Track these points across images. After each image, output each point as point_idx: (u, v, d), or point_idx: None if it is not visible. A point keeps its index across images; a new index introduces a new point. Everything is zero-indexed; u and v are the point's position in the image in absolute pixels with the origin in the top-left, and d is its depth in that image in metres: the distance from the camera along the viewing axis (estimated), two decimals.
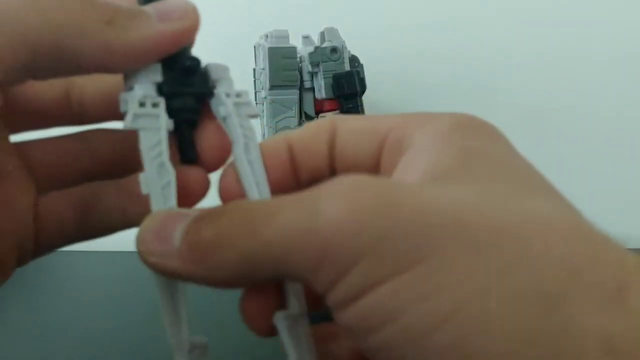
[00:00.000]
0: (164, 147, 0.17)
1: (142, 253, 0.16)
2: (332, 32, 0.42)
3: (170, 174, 0.17)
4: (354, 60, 0.42)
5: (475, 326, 0.12)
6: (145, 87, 0.18)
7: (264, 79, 0.40)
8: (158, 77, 0.18)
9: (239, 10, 0.54)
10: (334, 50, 0.40)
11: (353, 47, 0.42)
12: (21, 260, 0.20)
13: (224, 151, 0.19)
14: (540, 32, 0.55)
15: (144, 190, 0.17)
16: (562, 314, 0.12)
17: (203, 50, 0.21)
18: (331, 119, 0.19)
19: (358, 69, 0.42)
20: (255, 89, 0.43)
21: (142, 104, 0.17)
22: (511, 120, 0.57)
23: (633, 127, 0.55)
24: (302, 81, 0.41)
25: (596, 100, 0.55)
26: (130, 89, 0.18)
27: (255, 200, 0.17)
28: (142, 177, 0.17)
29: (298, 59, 0.41)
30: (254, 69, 0.43)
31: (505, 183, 0.14)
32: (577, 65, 0.55)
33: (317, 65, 0.40)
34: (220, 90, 0.19)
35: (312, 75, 0.41)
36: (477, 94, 0.55)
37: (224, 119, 0.19)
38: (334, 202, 0.13)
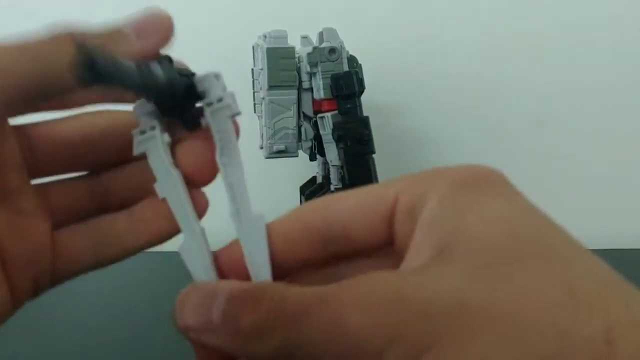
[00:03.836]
0: (165, 156, 0.21)
1: (180, 327, 0.18)
2: (331, 32, 0.42)
3: (175, 175, 0.21)
4: (352, 60, 0.42)
5: None
6: (143, 117, 0.21)
7: (262, 79, 0.41)
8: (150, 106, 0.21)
9: (237, 11, 0.54)
10: (332, 50, 0.40)
11: (351, 47, 0.42)
12: (37, 291, 0.21)
13: (206, 164, 0.20)
14: (544, 30, 0.55)
15: (160, 195, 0.21)
16: None
17: (202, 51, 0.21)
18: (318, 203, 0.20)
19: (356, 69, 0.42)
20: (253, 89, 0.44)
21: (142, 132, 0.21)
22: (513, 124, 0.57)
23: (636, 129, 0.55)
24: (300, 81, 0.41)
25: (599, 101, 0.55)
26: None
27: (288, 288, 0.17)
28: (156, 186, 0.21)
29: (296, 59, 0.41)
30: (252, 69, 0.44)
31: (497, 255, 0.16)
32: (582, 63, 0.55)
33: (316, 65, 0.40)
34: (203, 102, 0.20)
35: (311, 75, 0.41)
36: (477, 94, 0.55)
37: (208, 129, 0.20)
38: (355, 305, 0.16)
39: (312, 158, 0.44)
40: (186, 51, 0.21)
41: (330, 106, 0.41)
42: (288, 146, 0.41)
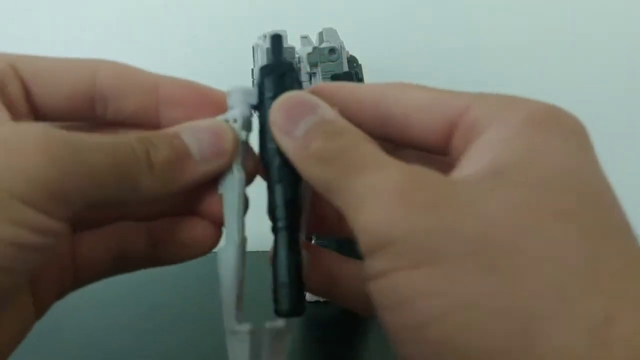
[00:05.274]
0: (237, 152, 0.21)
1: (270, 120, 0.19)
2: (331, 32, 0.42)
3: (238, 175, 0.20)
4: (352, 60, 0.42)
5: (462, 328, 0.14)
6: (238, 105, 0.21)
7: None
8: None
9: (237, 11, 0.54)
10: (332, 50, 0.40)
11: (351, 47, 0.42)
12: (59, 296, 0.21)
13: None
14: (548, 28, 0.55)
15: (219, 190, 0.21)
16: (539, 335, 0.14)
17: (202, 51, 0.21)
18: (393, 86, 0.20)
19: (356, 69, 0.42)
20: None
21: (234, 120, 0.21)
22: None
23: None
24: (300, 82, 0.41)
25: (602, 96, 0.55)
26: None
27: (366, 142, 0.18)
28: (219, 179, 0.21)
29: (296, 60, 0.41)
30: (252, 69, 0.43)
31: (550, 203, 0.15)
32: (585, 63, 0.55)
33: (316, 65, 0.40)
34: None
35: (311, 75, 0.41)
36: None
37: None
38: (394, 184, 0.16)
39: None
40: (187, 51, 0.21)
41: None
42: None
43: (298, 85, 0.21)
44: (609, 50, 0.54)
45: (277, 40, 0.21)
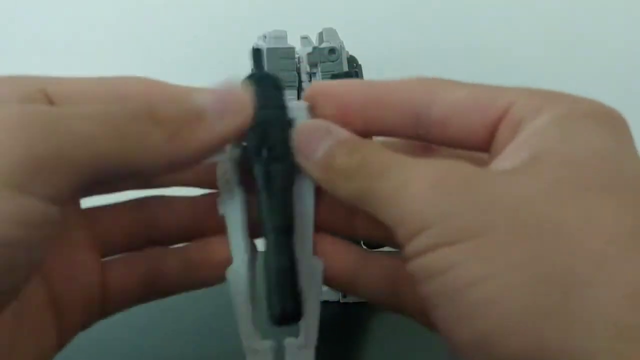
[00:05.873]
0: (233, 171, 0.20)
1: (296, 149, 0.20)
2: (331, 32, 0.42)
3: (238, 193, 0.20)
4: (352, 60, 0.42)
5: (503, 290, 0.15)
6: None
7: None
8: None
9: (237, 11, 0.54)
10: (332, 50, 0.40)
11: (351, 47, 0.42)
12: (86, 324, 0.21)
13: None
14: (548, 28, 0.55)
15: (220, 211, 0.20)
16: (580, 299, 0.14)
17: (202, 51, 0.21)
18: (427, 83, 0.20)
19: (356, 69, 0.42)
20: None
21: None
22: None
23: None
24: (300, 82, 0.41)
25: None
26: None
27: (382, 150, 0.19)
28: (219, 200, 0.20)
29: (296, 60, 0.41)
30: (252, 70, 0.43)
31: (585, 180, 0.16)
32: (585, 63, 0.55)
33: (316, 65, 0.40)
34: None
35: (311, 76, 0.41)
36: None
37: None
38: (426, 177, 0.17)
39: None
40: (187, 51, 0.21)
41: None
42: None
43: (277, 92, 0.21)
44: (609, 50, 0.54)
45: (257, 54, 0.22)
